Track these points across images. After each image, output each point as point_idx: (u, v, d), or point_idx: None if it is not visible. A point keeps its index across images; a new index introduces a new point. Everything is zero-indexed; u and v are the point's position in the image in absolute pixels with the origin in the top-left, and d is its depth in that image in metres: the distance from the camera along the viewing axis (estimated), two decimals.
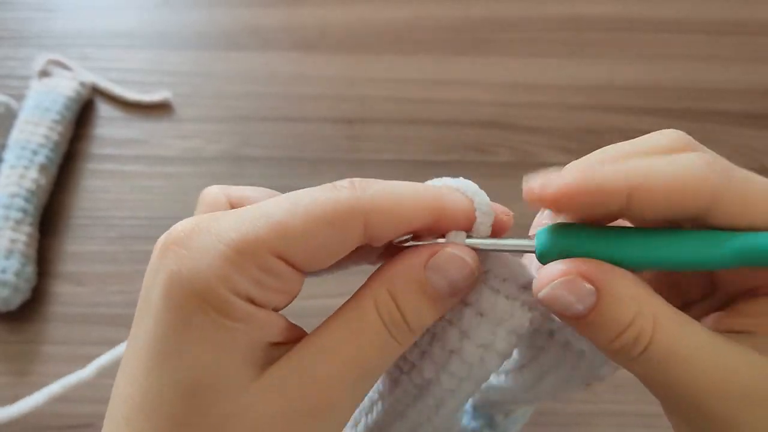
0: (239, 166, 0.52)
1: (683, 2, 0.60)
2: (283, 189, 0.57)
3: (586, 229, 0.19)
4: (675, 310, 0.19)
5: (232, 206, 0.22)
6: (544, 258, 0.19)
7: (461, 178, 0.21)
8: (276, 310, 0.19)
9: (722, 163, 0.19)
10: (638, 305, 0.18)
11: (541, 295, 0.19)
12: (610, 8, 0.60)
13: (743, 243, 0.18)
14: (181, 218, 0.56)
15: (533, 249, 0.20)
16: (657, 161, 0.19)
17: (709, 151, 0.20)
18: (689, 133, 0.51)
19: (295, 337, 0.20)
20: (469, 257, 0.20)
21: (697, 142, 0.20)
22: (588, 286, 0.18)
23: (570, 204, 0.18)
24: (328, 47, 0.58)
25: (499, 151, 0.53)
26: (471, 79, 0.56)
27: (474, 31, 0.59)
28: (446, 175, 0.22)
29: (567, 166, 0.19)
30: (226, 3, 0.61)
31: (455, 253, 0.19)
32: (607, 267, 0.18)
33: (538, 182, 0.19)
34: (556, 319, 0.21)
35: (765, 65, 0.57)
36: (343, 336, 0.19)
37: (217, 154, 0.53)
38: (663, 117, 0.54)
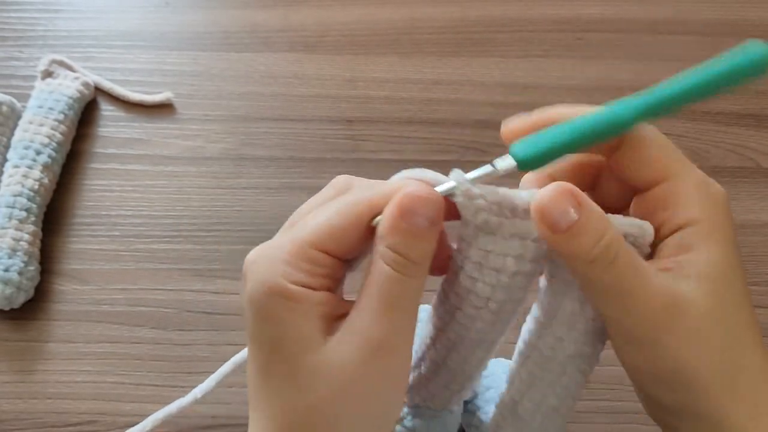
0: (240, 166, 0.53)
1: (679, 3, 0.60)
2: (283, 189, 0.58)
3: (537, 133, 0.26)
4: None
5: None
6: (523, 164, 0.25)
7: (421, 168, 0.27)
8: (329, 290, 0.26)
9: None
10: (608, 221, 0.24)
11: (536, 208, 0.24)
12: (607, 9, 0.60)
13: (646, 98, 0.25)
14: (182, 217, 0.57)
15: (515, 166, 0.25)
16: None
17: None
18: (685, 133, 0.53)
19: (350, 308, 0.26)
20: (424, 189, 0.25)
21: None
22: (572, 200, 0.24)
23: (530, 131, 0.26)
24: (328, 47, 0.58)
25: (498, 151, 0.52)
26: (469, 79, 0.57)
27: (472, 31, 0.59)
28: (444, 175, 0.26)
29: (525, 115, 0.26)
30: (226, 4, 0.61)
31: (414, 194, 0.25)
32: (583, 193, 0.24)
33: (512, 122, 0.27)
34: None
35: None
36: (370, 291, 0.25)
37: (217, 153, 0.53)
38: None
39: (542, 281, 0.29)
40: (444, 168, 0.27)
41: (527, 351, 0.30)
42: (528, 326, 0.30)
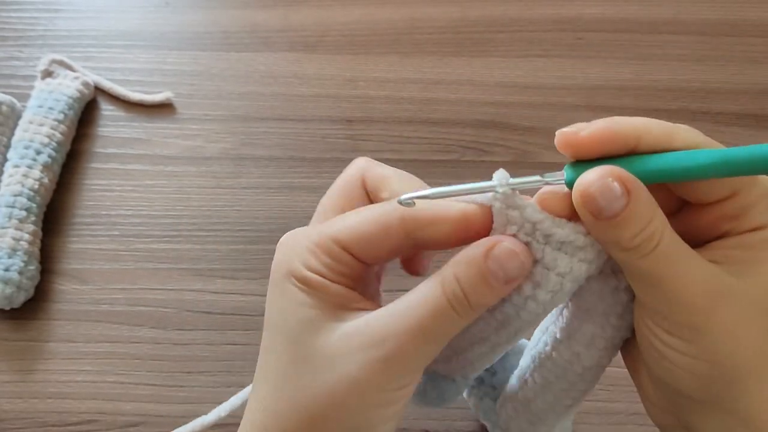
0: (240, 166, 0.53)
1: (678, 3, 0.60)
2: (283, 188, 0.57)
3: (598, 160, 0.23)
4: (668, 223, 0.23)
5: (367, 189, 0.29)
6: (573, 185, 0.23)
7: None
8: (348, 287, 0.26)
9: None
10: (655, 208, 0.23)
11: (581, 192, 0.22)
12: (606, 9, 0.60)
13: (728, 151, 0.22)
14: (182, 216, 0.57)
15: (563, 182, 0.24)
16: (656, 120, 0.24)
17: None
18: None
19: (372, 307, 0.25)
20: (522, 252, 0.24)
21: None
22: (620, 187, 0.22)
23: (596, 145, 0.23)
24: (328, 47, 0.58)
25: (497, 151, 0.53)
26: (469, 79, 0.57)
27: (472, 31, 0.59)
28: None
29: (591, 122, 0.24)
30: (226, 4, 0.61)
31: (510, 248, 0.24)
32: (631, 175, 0.22)
33: (571, 130, 0.24)
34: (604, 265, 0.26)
35: (759, 65, 0.57)
36: (413, 305, 0.24)
37: (217, 153, 0.53)
38: (658, 117, 0.54)
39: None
40: (444, 168, 0.27)
41: (541, 359, 0.29)
42: (540, 335, 0.29)
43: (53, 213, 0.51)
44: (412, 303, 0.24)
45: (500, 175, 0.24)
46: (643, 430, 0.28)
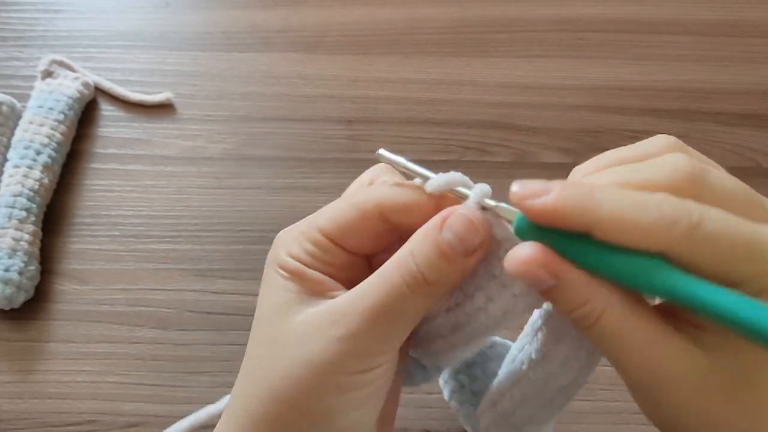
0: (240, 166, 0.53)
1: (679, 3, 0.60)
2: (284, 188, 0.57)
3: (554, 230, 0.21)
4: (626, 301, 0.22)
5: (393, 224, 0.27)
6: (520, 234, 0.22)
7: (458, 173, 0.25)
8: (335, 279, 0.26)
9: (692, 211, 0.20)
10: (592, 290, 0.21)
11: (510, 271, 0.22)
12: (607, 9, 0.60)
13: (676, 285, 0.20)
14: (182, 217, 0.57)
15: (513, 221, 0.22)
16: (627, 201, 0.20)
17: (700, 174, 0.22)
18: (685, 134, 0.52)
19: None
20: (476, 218, 0.23)
21: (693, 162, 0.22)
22: (546, 275, 0.21)
23: (544, 222, 0.21)
24: (328, 48, 0.58)
25: (498, 151, 0.53)
26: (470, 79, 0.57)
27: (472, 32, 0.59)
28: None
29: (549, 186, 0.21)
30: (226, 4, 0.61)
31: (464, 213, 0.23)
32: (561, 262, 0.21)
33: (524, 193, 0.21)
34: None
35: (760, 66, 0.57)
36: (369, 288, 0.24)
37: (218, 153, 0.53)
38: (659, 117, 0.55)
39: (534, 316, 0.28)
40: (444, 168, 0.27)
41: (518, 377, 0.29)
42: (516, 353, 0.29)
43: (53, 213, 0.50)
44: (370, 283, 0.24)
45: (479, 191, 0.24)
46: (645, 430, 0.28)
